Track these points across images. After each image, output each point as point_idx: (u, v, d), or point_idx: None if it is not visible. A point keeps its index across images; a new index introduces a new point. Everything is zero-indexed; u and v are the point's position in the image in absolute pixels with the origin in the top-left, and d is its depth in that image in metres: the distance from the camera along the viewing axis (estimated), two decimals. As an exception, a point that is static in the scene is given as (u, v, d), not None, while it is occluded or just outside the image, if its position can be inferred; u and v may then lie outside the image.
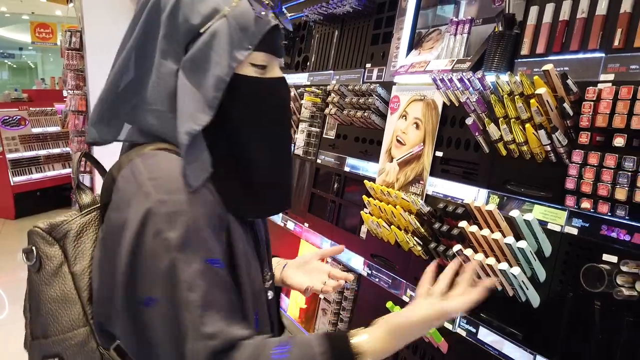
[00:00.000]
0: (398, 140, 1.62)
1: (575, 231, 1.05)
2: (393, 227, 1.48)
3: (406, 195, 1.47)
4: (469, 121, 1.28)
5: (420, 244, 1.41)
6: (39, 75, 16.76)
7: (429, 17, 1.65)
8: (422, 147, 1.52)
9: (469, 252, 1.19)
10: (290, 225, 2.18)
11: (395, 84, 1.66)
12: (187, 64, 0.81)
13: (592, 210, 1.00)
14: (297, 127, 2.18)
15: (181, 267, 0.75)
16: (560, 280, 1.08)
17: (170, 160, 0.81)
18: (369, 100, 1.69)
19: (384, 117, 1.70)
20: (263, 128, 0.88)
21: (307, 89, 2.07)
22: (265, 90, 0.87)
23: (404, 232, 1.45)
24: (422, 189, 1.50)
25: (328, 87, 1.87)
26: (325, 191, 1.98)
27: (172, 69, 0.82)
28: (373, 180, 1.69)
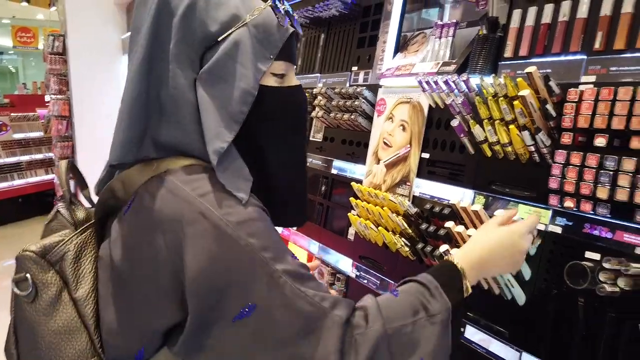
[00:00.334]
0: (385, 143, 1.63)
1: (559, 230, 1.07)
2: (381, 229, 1.49)
3: (393, 197, 1.48)
4: (455, 123, 1.30)
5: (408, 244, 1.42)
6: (20, 79, 16.51)
7: (414, 21, 1.67)
8: (409, 149, 1.53)
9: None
10: (278, 228, 2.18)
11: (381, 86, 1.68)
12: (207, 75, 0.76)
13: (575, 209, 1.02)
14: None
15: (276, 265, 0.72)
16: (544, 278, 1.09)
17: (211, 177, 0.76)
18: (356, 102, 1.70)
19: (370, 120, 1.71)
20: (285, 138, 0.84)
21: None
22: (287, 99, 0.84)
23: (391, 234, 1.47)
24: (409, 191, 1.51)
25: (315, 90, 1.88)
26: (312, 194, 1.99)
27: (189, 79, 0.77)
28: (360, 182, 1.70)
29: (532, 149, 1.11)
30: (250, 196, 0.76)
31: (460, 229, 1.21)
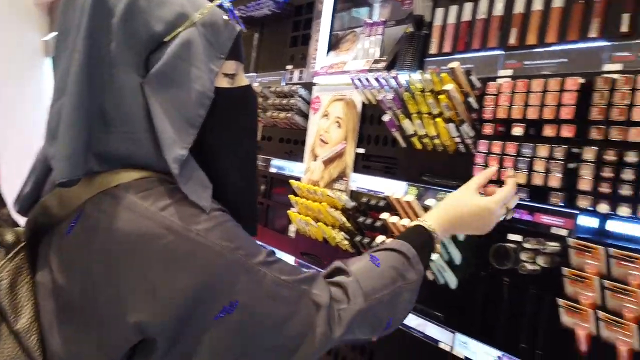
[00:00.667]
0: (321, 140, 1.66)
1: (484, 215, 1.13)
2: (320, 224, 1.52)
3: (331, 192, 1.51)
4: (386, 118, 1.34)
5: (347, 238, 1.46)
6: None
7: (345, 19, 1.71)
8: (345, 145, 1.57)
9: (391, 242, 1.25)
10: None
11: (315, 84, 1.70)
12: (157, 78, 0.71)
13: (498, 195, 1.09)
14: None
15: (253, 260, 0.72)
16: (473, 262, 1.16)
17: (168, 188, 0.72)
18: (291, 101, 1.72)
19: (306, 118, 1.74)
20: (240, 141, 0.82)
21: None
22: (239, 100, 0.81)
23: (331, 228, 1.49)
24: (347, 185, 1.55)
25: (250, 90, 1.87)
26: (252, 193, 1.98)
27: (135, 84, 0.71)
28: (299, 179, 1.72)
29: (458, 140, 1.18)
30: (211, 203, 0.73)
31: (394, 219, 1.26)
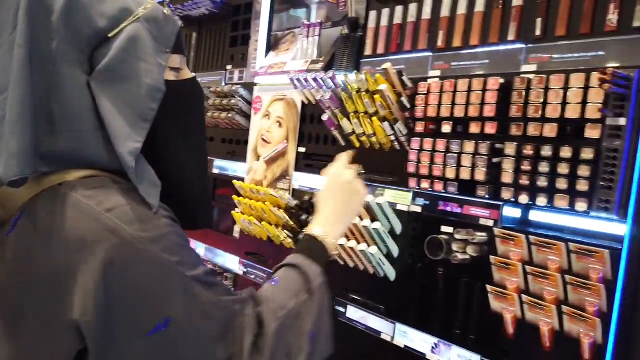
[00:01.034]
0: (263, 139, 1.67)
1: (419, 209, 1.19)
2: (264, 223, 1.53)
3: (274, 191, 1.53)
4: (325, 117, 1.38)
5: (291, 235, 1.48)
6: None
7: (283, 20, 1.72)
8: (286, 144, 1.59)
9: (332, 238, 1.28)
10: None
11: (256, 84, 1.71)
12: (104, 75, 0.70)
13: (430, 189, 1.15)
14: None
15: (190, 276, 0.71)
16: (410, 254, 1.21)
17: (115, 188, 0.71)
18: (232, 101, 1.72)
19: (248, 117, 1.74)
20: (189, 135, 0.82)
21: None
22: (186, 92, 0.82)
23: (274, 227, 1.51)
24: (289, 184, 1.57)
25: (190, 90, 1.85)
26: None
27: (81, 81, 0.70)
28: (242, 179, 1.72)
29: (392, 138, 1.22)
30: (160, 206, 0.72)
31: (335, 216, 1.29)
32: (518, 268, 1.00)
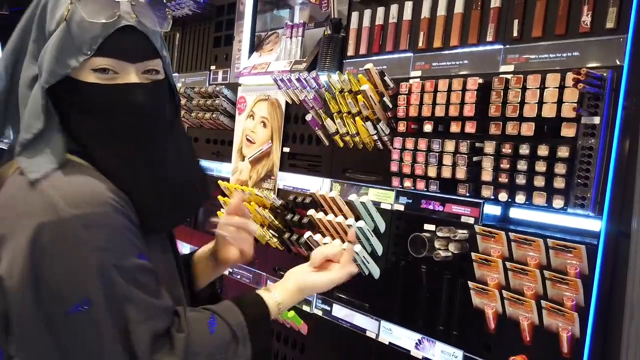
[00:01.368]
0: (248, 139, 1.68)
1: (402, 207, 1.21)
2: (249, 223, 1.54)
3: (259, 191, 1.53)
4: (309, 117, 1.39)
5: (276, 235, 1.49)
6: None
7: (267, 21, 1.73)
8: (271, 145, 1.59)
9: (318, 237, 1.30)
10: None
11: (240, 84, 1.71)
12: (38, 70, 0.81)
13: (413, 188, 1.16)
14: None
15: (109, 262, 0.74)
16: (394, 252, 1.23)
17: (70, 172, 0.79)
18: (217, 101, 1.72)
19: (232, 118, 1.74)
20: (119, 138, 0.82)
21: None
22: (108, 96, 0.81)
23: (260, 227, 1.52)
24: (274, 184, 1.58)
25: (174, 91, 1.85)
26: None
27: (32, 76, 0.82)
28: (227, 180, 1.72)
29: (375, 137, 1.24)
30: (112, 195, 0.77)
31: (320, 215, 1.30)
32: (499, 264, 1.02)
